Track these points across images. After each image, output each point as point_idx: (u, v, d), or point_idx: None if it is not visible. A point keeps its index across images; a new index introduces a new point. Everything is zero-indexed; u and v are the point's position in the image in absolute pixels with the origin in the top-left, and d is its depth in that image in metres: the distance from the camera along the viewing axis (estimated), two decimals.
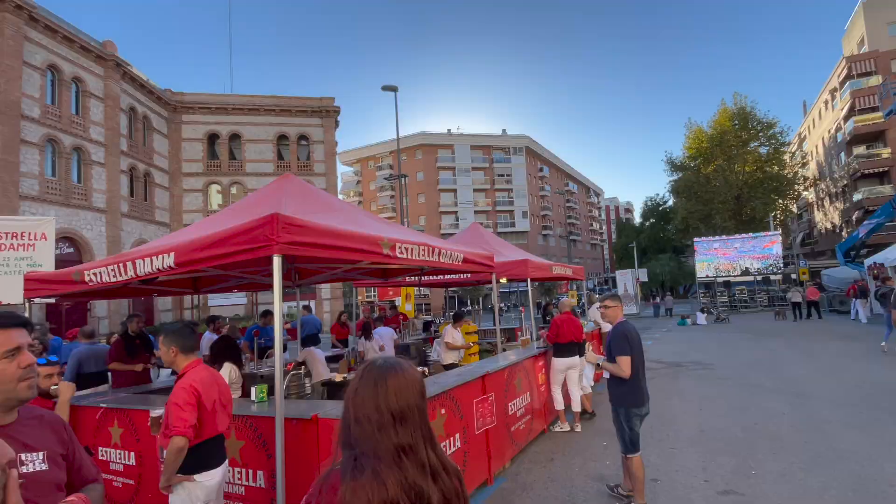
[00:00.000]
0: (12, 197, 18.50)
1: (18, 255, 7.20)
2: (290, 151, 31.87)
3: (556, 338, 6.43)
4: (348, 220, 4.74)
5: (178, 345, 2.67)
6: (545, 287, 42.98)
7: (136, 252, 4.05)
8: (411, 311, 20.01)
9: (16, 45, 19.13)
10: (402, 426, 1.11)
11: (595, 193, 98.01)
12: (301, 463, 3.47)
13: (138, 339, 6.13)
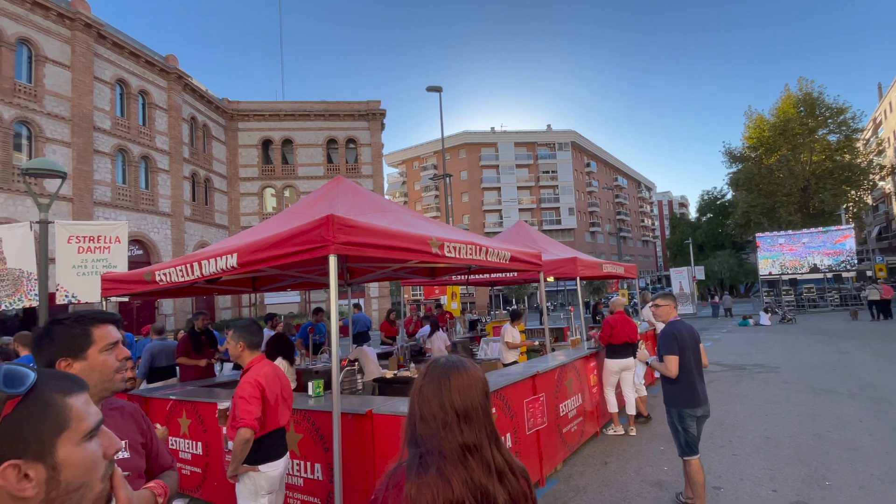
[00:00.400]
0: (87, 203, 20.11)
1: (95, 257, 7.81)
2: (339, 154, 32.79)
3: (609, 338, 6.25)
4: (397, 220, 4.83)
5: (246, 340, 2.81)
6: (594, 286, 41.89)
7: (202, 253, 4.30)
8: (457, 309, 20.08)
9: (87, 61, 20.77)
10: (467, 425, 1.11)
11: (646, 188, 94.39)
12: (356, 456, 3.57)
13: (203, 335, 6.51)
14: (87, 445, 0.75)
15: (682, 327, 3.98)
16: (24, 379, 0.72)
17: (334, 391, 3.18)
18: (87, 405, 0.77)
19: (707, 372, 9.63)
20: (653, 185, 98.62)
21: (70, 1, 20.46)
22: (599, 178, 72.96)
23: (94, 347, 1.53)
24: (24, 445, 0.69)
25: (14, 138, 18.14)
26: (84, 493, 0.74)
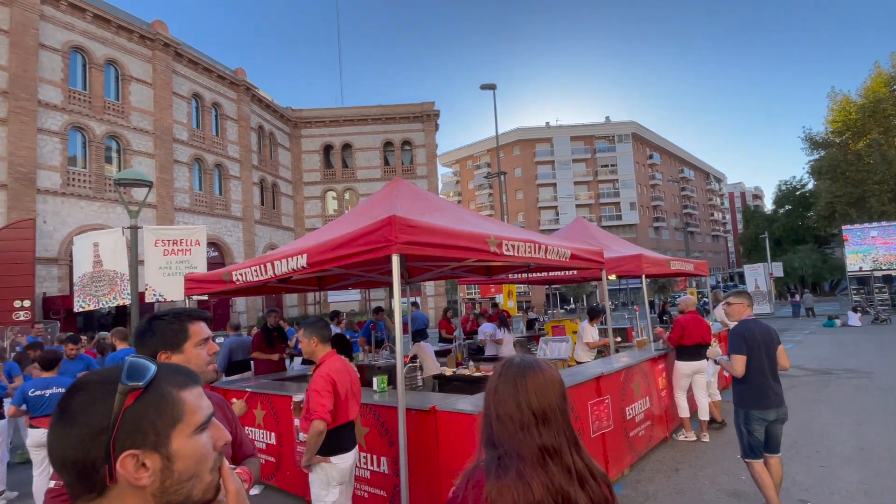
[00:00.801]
0: (169, 209, 21.86)
1: (178, 259, 8.49)
2: (395, 157, 33.52)
3: (680, 339, 5.95)
4: (455, 219, 4.86)
5: (318, 336, 2.95)
6: (659, 284, 39.98)
7: (274, 254, 4.55)
8: (513, 308, 19.90)
9: (166, 78, 22.56)
10: (545, 427, 1.10)
11: (716, 179, 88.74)
12: (420, 452, 3.64)
13: (275, 331, 6.89)
14: (199, 438, 0.78)
15: (755, 326, 3.79)
16: (145, 372, 0.75)
17: (399, 387, 3.26)
18: (199, 399, 0.80)
19: (788, 376, 8.92)
20: (723, 176, 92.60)
21: (150, 23, 22.31)
22: (663, 171, 69.44)
23: (190, 342, 1.67)
24: (142, 436, 0.73)
25: (105, 151, 20.07)
26: (195, 483, 0.77)
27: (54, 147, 18.12)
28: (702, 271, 9.41)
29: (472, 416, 3.36)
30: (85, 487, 0.71)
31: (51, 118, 18.06)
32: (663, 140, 71.80)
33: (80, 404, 0.73)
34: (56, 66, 18.40)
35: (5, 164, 16.55)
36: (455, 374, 6.57)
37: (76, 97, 19.04)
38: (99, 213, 19.27)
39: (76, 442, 0.70)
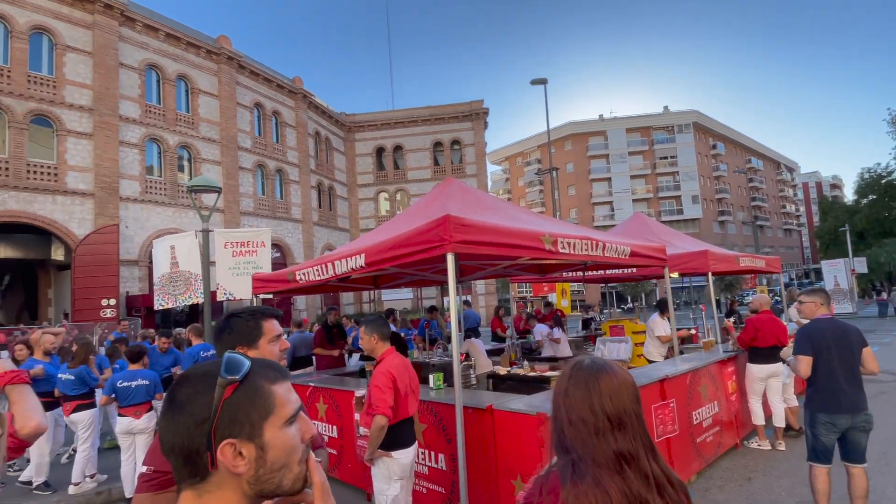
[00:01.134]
0: (235, 213, 23.19)
1: (246, 260, 8.99)
2: (445, 156, 33.76)
3: (753, 341, 5.57)
4: (508, 216, 4.83)
5: (378, 333, 3.03)
6: (725, 282, 37.70)
7: (334, 255, 4.72)
8: (567, 307, 19.46)
9: (230, 89, 23.94)
10: (621, 432, 1.06)
11: (788, 169, 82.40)
12: (477, 450, 3.65)
13: (335, 328, 7.15)
14: (288, 430, 0.81)
15: (826, 326, 3.54)
16: (241, 367, 0.80)
17: (456, 386, 3.29)
18: (288, 392, 0.83)
19: (876, 381, 8.13)
20: (795, 165, 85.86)
21: (215, 38, 23.76)
22: (728, 161, 65.34)
23: (264, 338, 1.76)
24: (239, 426, 0.77)
25: (177, 160, 21.61)
26: (285, 473, 0.80)
27: (134, 158, 19.73)
28: (774, 268, 8.78)
29: (530, 417, 3.33)
30: (190, 472, 0.77)
31: (130, 131, 19.68)
32: (727, 129, 67.56)
33: (186, 395, 0.79)
34: (134, 83, 20.02)
35: (92, 175, 18.21)
36: (509, 374, 6.52)
37: (152, 111, 20.63)
38: (174, 217, 20.79)
39: (182, 430, 0.76)
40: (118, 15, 19.38)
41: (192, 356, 5.86)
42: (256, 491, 0.79)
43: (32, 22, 17.31)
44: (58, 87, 17.72)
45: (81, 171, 17.97)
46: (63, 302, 18.79)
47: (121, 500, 5.14)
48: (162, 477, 1.52)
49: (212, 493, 0.77)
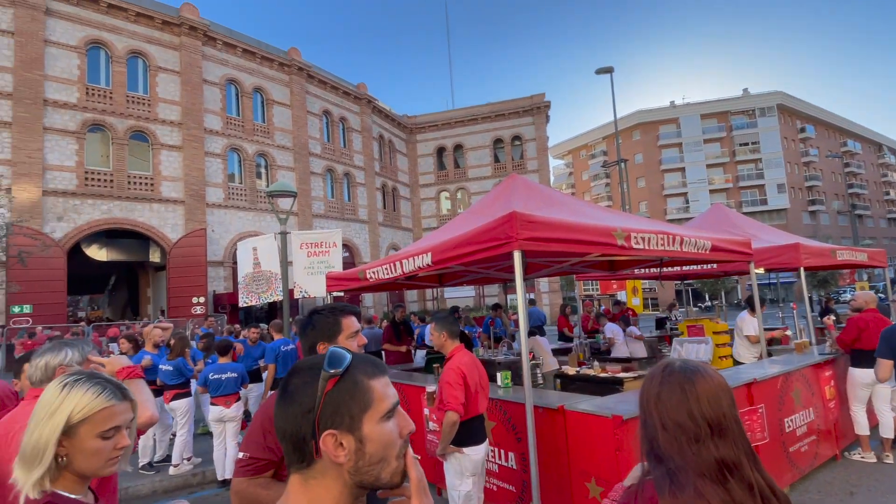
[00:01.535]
0: (307, 216, 24.44)
1: (319, 260, 9.45)
2: (505, 153, 33.50)
3: (855, 343, 5.02)
4: (575, 212, 4.70)
5: (447, 330, 3.08)
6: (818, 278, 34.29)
7: (402, 254, 4.84)
8: (639, 306, 18.60)
9: (301, 99, 25.24)
10: (722, 439, 1.00)
11: (891, 151, 73.27)
12: (549, 449, 3.59)
13: (402, 325, 7.34)
14: (386, 424, 0.83)
15: None
16: (342, 361, 0.83)
17: (526, 385, 3.26)
18: (386, 388, 0.85)
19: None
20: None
21: (286, 51, 25.13)
22: (820, 145, 59.24)
23: (343, 334, 1.84)
24: (340, 418, 0.80)
25: (255, 168, 23.14)
26: (383, 467, 0.82)
27: (217, 167, 21.39)
28: (878, 262, 7.86)
29: (605, 419, 3.23)
30: (298, 457, 0.83)
31: (214, 142, 21.35)
32: (818, 109, 61.21)
33: (295, 386, 0.84)
34: (216, 97, 21.69)
35: (182, 184, 19.96)
36: (579, 374, 6.36)
37: (232, 123, 22.25)
38: (253, 221, 22.30)
39: (291, 418, 0.82)
40: (201, 35, 21.08)
41: (274, 350, 6.27)
42: (357, 481, 0.82)
43: (129, 47, 19.26)
44: (152, 105, 19.60)
45: (173, 180, 19.78)
46: (160, 299, 20.79)
47: (213, 481, 5.60)
48: (257, 463, 1.64)
49: (316, 480, 0.82)
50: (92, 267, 20.83)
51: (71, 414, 1.24)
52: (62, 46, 17.62)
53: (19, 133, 16.30)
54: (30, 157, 16.38)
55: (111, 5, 18.65)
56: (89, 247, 19.06)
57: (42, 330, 14.53)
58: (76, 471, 1.26)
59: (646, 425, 1.09)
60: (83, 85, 17.97)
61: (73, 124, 17.59)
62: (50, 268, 15.49)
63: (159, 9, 20.10)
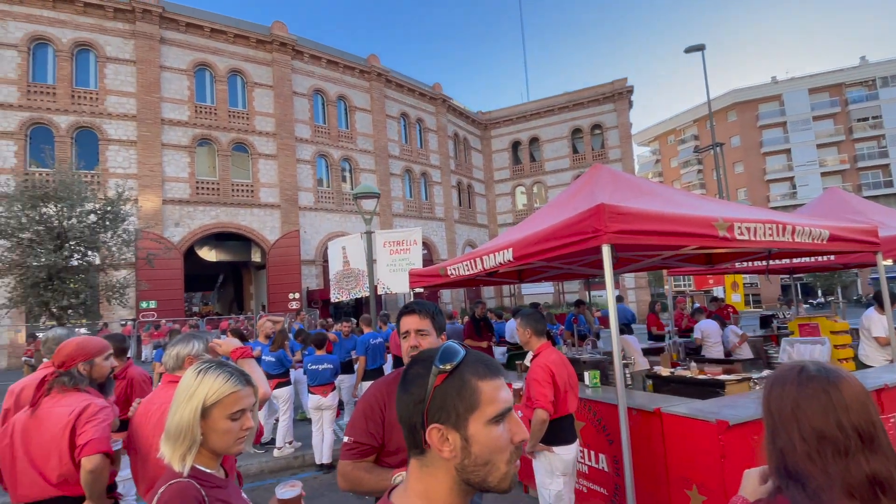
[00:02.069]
0: (388, 216, 25.34)
1: (401, 257, 9.78)
2: (584, 143, 32.25)
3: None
4: (668, 201, 4.40)
5: (532, 327, 3.04)
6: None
7: (482, 250, 4.85)
8: (740, 302, 17.05)
9: (380, 104, 26.19)
10: (873, 452, 0.88)
11: None
12: (643, 453, 3.42)
13: (482, 321, 7.37)
14: (494, 428, 0.81)
15: None
16: (453, 358, 0.83)
17: (619, 385, 3.12)
18: (496, 391, 0.83)
19: None
20: None
21: (366, 58, 26.19)
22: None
23: (400, 333, 1.90)
24: (446, 414, 0.80)
25: (340, 172, 24.43)
26: (490, 470, 0.81)
27: (307, 173, 22.89)
28: None
29: (708, 424, 3.01)
30: (412, 443, 0.86)
31: (304, 150, 22.86)
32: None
33: (412, 376, 0.87)
34: (304, 108, 23.19)
35: (278, 190, 21.62)
36: (673, 375, 5.98)
37: (320, 131, 23.68)
38: (340, 222, 23.61)
39: (405, 405, 0.86)
40: (290, 50, 22.64)
41: (364, 343, 6.60)
42: (464, 479, 0.82)
43: (229, 66, 21.19)
44: (250, 119, 21.42)
45: (270, 186, 21.50)
46: (261, 296, 22.72)
47: (312, 464, 6.01)
48: (360, 447, 1.74)
49: (429, 468, 0.84)
50: (203, 267, 23.26)
51: (205, 398, 1.40)
52: (174, 70, 19.82)
53: (143, 150, 18.63)
54: (151, 171, 18.66)
55: (213, 29, 20.64)
56: (201, 249, 21.30)
57: (165, 323, 16.52)
58: (211, 448, 1.41)
59: (777, 436, 0.97)
60: (193, 104, 20.09)
61: (185, 140, 19.75)
62: (170, 268, 17.54)
63: (253, 28, 21.89)
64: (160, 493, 1.30)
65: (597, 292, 25.72)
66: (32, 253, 10.94)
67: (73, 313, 11.52)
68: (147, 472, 2.08)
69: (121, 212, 12.41)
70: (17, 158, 16.77)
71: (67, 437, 2.10)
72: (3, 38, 17.03)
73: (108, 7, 18.45)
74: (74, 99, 17.92)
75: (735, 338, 7.81)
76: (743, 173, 52.21)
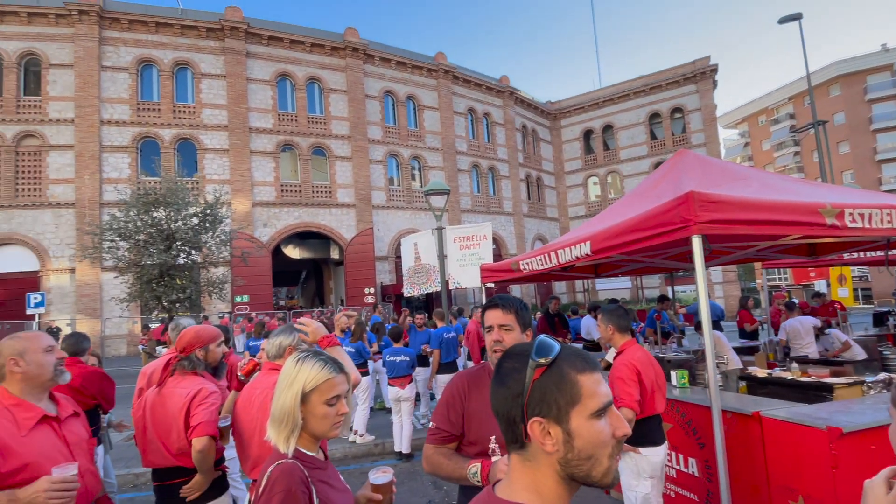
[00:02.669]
0: (456, 212, 25.51)
1: (471, 252, 9.80)
2: (664, 128, 30.36)
3: None
4: (766, 187, 4.03)
5: (615, 324, 2.93)
6: None
7: (558, 243, 4.74)
8: (847, 297, 15.24)
9: (448, 101, 26.38)
10: None
11: None
12: (740, 459, 3.18)
13: (556, 317, 7.21)
14: (596, 423, 0.80)
15: None
16: (549, 352, 0.83)
17: (712, 386, 2.92)
18: (596, 385, 0.82)
19: None
20: None
21: (433, 56, 26.49)
22: None
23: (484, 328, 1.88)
24: (547, 407, 0.80)
25: (410, 170, 24.98)
26: (594, 465, 0.80)
27: (379, 172, 23.68)
28: None
29: (817, 431, 2.74)
30: (511, 437, 0.86)
31: (376, 150, 23.67)
32: None
33: (507, 370, 0.87)
34: (376, 110, 23.98)
35: (353, 190, 22.58)
36: (771, 376, 5.49)
37: (390, 131, 24.39)
38: (410, 219, 24.20)
39: (502, 399, 0.86)
40: (362, 55, 23.48)
41: (438, 337, 6.73)
42: (568, 473, 0.82)
43: (308, 74, 22.40)
44: (327, 123, 22.54)
45: (345, 187, 22.54)
46: (340, 290, 23.91)
47: (391, 452, 6.24)
48: (442, 433, 1.79)
49: (531, 463, 0.84)
50: (288, 263, 24.91)
51: (304, 384, 1.50)
52: (259, 82, 21.32)
53: (234, 158, 20.27)
54: (242, 177, 20.26)
55: (293, 40, 21.93)
56: (286, 247, 22.80)
57: (257, 315, 17.89)
58: (311, 432, 1.52)
59: None
60: (276, 112, 21.51)
61: (270, 146, 21.21)
62: (260, 265, 18.97)
63: (328, 37, 22.96)
64: (269, 471, 1.41)
65: (680, 287, 24.11)
66: (146, 253, 12.36)
67: (181, 306, 12.85)
68: (251, 451, 2.28)
69: (218, 214, 13.63)
70: (131, 169, 18.95)
71: (183, 417, 2.35)
72: (117, 63, 19.27)
73: (202, 27, 20.23)
74: (175, 113, 19.88)
75: (838, 343, 7.02)
76: (849, 154, 46.46)
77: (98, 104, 18.61)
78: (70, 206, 18.05)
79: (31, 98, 18.40)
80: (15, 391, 1.86)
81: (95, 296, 17.75)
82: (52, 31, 18.59)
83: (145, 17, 19.52)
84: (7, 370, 1.87)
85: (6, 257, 17.55)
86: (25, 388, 1.87)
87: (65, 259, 17.84)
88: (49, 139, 18.25)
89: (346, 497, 1.53)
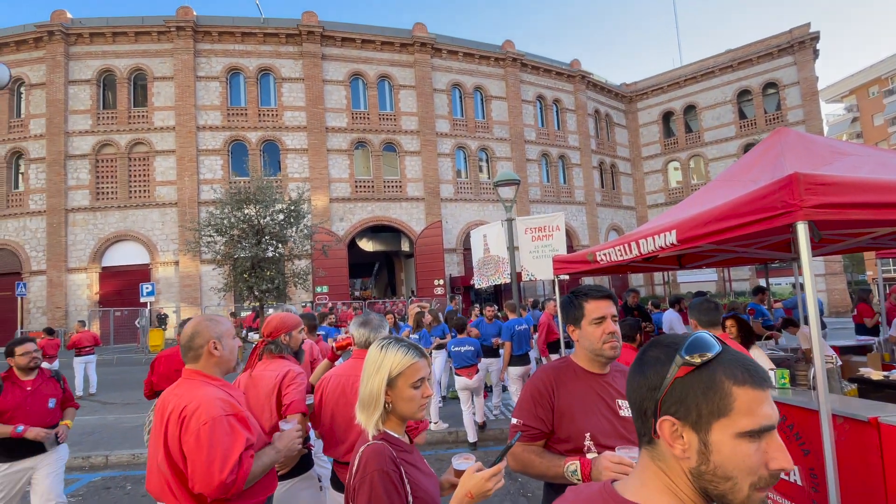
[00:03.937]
0: (525, 202, 25.10)
1: (543, 244, 9.60)
2: (755, 106, 27.72)
3: None
4: (882, 166, 3.57)
5: (698, 318, 2.74)
6: None
7: (639, 233, 4.50)
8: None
9: (515, 89, 25.90)
10: None
11: None
12: (852, 470, 2.86)
13: (636, 310, 6.89)
14: (745, 444, 0.71)
15: None
16: (703, 352, 0.74)
17: (821, 389, 2.64)
18: (757, 402, 0.72)
19: None
20: None
21: (500, 45, 26.10)
22: None
23: (586, 319, 1.79)
24: (685, 410, 0.73)
25: (478, 162, 24.91)
26: (731, 488, 0.71)
27: (447, 166, 23.86)
28: None
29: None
30: (641, 429, 0.81)
31: (444, 144, 23.85)
32: None
33: (650, 359, 0.81)
34: (443, 103, 24.13)
35: (422, 184, 22.97)
36: (887, 380, 4.88)
37: (457, 124, 24.45)
38: (478, 212, 24.18)
39: (637, 388, 0.81)
40: (429, 49, 23.71)
41: (509, 329, 6.69)
42: (699, 486, 0.74)
43: (378, 73, 23.03)
44: (397, 119, 23.07)
45: (415, 181, 22.99)
46: (410, 282, 24.51)
47: (464, 441, 6.31)
48: (529, 430, 1.76)
49: (663, 464, 0.78)
50: (362, 256, 25.92)
51: (391, 369, 1.55)
52: (333, 83, 22.27)
53: (313, 156, 21.40)
54: (320, 175, 21.36)
55: (364, 40, 22.63)
56: (360, 240, 23.74)
57: (335, 305, 18.84)
58: (398, 415, 1.57)
59: None
60: (349, 111, 22.39)
61: (345, 144, 22.13)
62: (338, 258, 19.93)
63: (397, 34, 23.42)
64: (361, 452, 1.48)
65: (775, 279, 21.91)
66: (239, 246, 13.50)
67: (269, 296, 13.90)
68: (334, 432, 2.41)
69: (301, 210, 14.56)
70: (223, 170, 20.68)
71: (274, 397, 2.53)
72: (209, 73, 21.03)
73: (282, 34, 21.48)
74: (260, 117, 21.35)
75: None
76: None
77: (194, 112, 20.47)
78: (173, 205, 20.10)
79: (140, 109, 20.66)
80: (212, 374, 1.98)
81: (196, 286, 19.69)
82: (156, 48, 20.69)
83: (232, 28, 21.09)
84: (205, 351, 1.96)
85: (124, 252, 19.97)
86: (217, 372, 2.01)
87: (170, 253, 19.95)
88: (155, 145, 20.41)
89: (432, 481, 1.57)
